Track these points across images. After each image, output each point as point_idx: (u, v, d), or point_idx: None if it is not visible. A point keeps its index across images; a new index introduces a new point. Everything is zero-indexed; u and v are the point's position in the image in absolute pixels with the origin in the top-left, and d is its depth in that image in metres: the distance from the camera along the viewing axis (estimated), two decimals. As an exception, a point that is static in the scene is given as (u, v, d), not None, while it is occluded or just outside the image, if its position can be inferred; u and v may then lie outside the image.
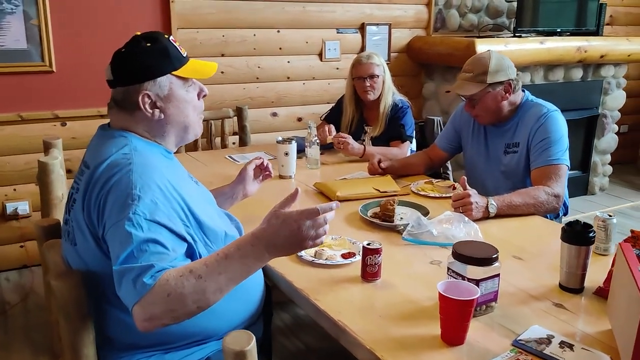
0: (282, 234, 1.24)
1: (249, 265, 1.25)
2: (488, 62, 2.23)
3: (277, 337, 2.65)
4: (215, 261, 1.22)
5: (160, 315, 1.17)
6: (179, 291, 1.16)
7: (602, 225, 1.71)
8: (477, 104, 2.28)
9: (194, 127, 1.48)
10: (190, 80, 1.45)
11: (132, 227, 1.21)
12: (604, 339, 1.30)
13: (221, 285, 1.21)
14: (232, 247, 1.24)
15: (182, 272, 1.19)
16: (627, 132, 5.51)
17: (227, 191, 1.92)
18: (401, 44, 4.25)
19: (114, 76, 1.41)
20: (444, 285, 1.28)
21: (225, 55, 3.64)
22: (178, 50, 1.42)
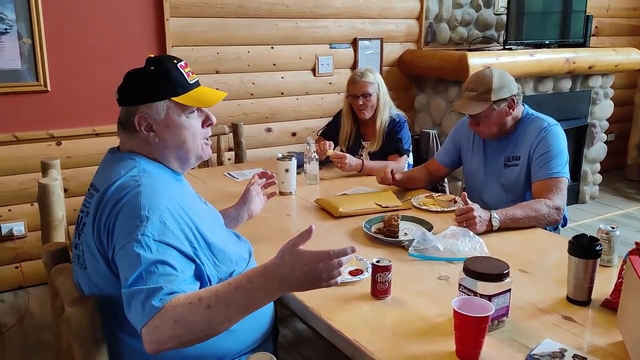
0: (295, 274, 1.21)
1: (259, 299, 1.23)
2: (491, 80, 2.24)
3: (279, 353, 2.64)
4: (226, 292, 1.21)
5: (166, 340, 1.17)
6: (186, 319, 1.16)
7: (605, 237, 1.73)
8: (482, 121, 2.30)
9: (193, 152, 1.46)
10: (193, 108, 1.43)
11: (140, 248, 1.21)
12: (615, 351, 1.31)
13: (230, 316, 1.21)
14: (243, 278, 1.23)
15: (192, 299, 1.19)
16: (614, 140, 5.60)
17: (232, 212, 1.92)
18: (393, 57, 4.30)
19: (119, 95, 1.42)
20: (458, 303, 1.29)
21: (220, 72, 3.65)
22: (184, 76, 1.41)
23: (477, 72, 2.34)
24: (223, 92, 1.51)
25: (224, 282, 1.24)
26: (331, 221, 2.19)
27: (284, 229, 2.13)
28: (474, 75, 2.34)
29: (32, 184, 3.04)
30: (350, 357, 1.38)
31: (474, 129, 2.37)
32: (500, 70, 2.32)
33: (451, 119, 4.08)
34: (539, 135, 2.27)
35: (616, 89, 4.96)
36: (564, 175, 2.21)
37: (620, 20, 5.49)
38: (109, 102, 3.16)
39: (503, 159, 2.38)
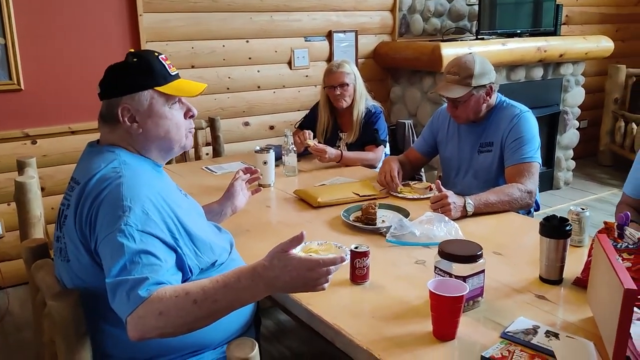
0: (283, 278, 1.23)
1: (245, 299, 1.26)
2: (473, 66, 2.29)
3: (262, 343, 2.66)
4: (213, 288, 1.22)
5: (149, 330, 1.19)
6: (171, 312, 1.18)
7: (576, 218, 1.79)
8: (460, 105, 2.35)
9: (178, 142, 1.49)
10: (175, 98, 1.45)
11: (124, 238, 1.23)
12: (586, 327, 1.36)
13: (214, 312, 1.23)
14: (232, 277, 1.24)
15: (179, 293, 1.20)
16: (586, 127, 5.71)
17: (216, 208, 1.93)
18: (368, 49, 4.33)
19: (100, 89, 1.43)
20: (434, 284, 1.33)
21: (195, 67, 3.65)
22: (165, 68, 1.44)
23: (460, 57, 2.38)
24: (203, 84, 1.53)
25: (212, 278, 1.25)
26: (310, 211, 2.22)
27: (263, 220, 2.16)
28: (456, 59, 2.38)
29: (8, 184, 3.01)
30: (331, 341, 1.41)
31: (452, 113, 2.42)
32: (482, 57, 2.37)
33: (426, 109, 4.13)
34: (511, 122, 2.33)
35: (587, 76, 5.06)
36: (536, 160, 2.26)
37: (590, 8, 5.59)
38: (84, 99, 3.19)
39: (477, 146, 2.43)
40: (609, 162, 5.65)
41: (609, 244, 1.37)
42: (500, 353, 1.23)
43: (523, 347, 1.26)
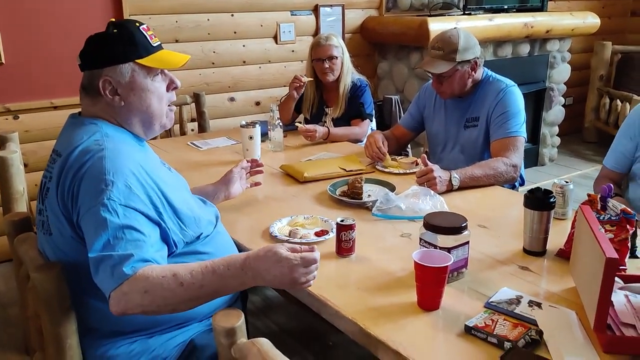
0: (273, 272, 1.23)
1: (231, 287, 1.26)
2: (457, 41, 2.28)
3: (249, 319, 2.68)
4: (202, 273, 1.22)
5: (132, 307, 1.18)
6: (157, 292, 1.18)
7: (559, 191, 1.80)
8: (445, 80, 2.34)
9: (158, 118, 1.45)
10: (157, 70, 1.43)
11: (107, 212, 1.22)
12: (568, 296, 1.38)
13: (199, 297, 1.23)
14: (221, 264, 1.24)
15: (166, 273, 1.20)
16: (572, 104, 5.73)
17: (210, 190, 1.92)
18: (355, 24, 4.29)
19: (81, 60, 1.40)
20: (419, 255, 1.33)
21: (180, 41, 3.59)
22: (147, 39, 1.41)
23: (444, 32, 2.36)
24: (186, 55, 1.50)
25: (201, 263, 1.25)
26: (297, 186, 2.21)
27: (249, 195, 2.15)
28: (440, 34, 2.36)
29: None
30: (317, 313, 1.42)
31: (437, 88, 2.41)
32: (466, 32, 2.35)
33: (413, 84, 4.12)
34: (497, 96, 2.33)
35: (573, 53, 5.07)
36: (521, 135, 2.27)
37: (577, -16, 5.58)
38: (67, 74, 3.14)
39: (463, 120, 2.43)
40: (594, 139, 5.70)
41: (592, 215, 1.38)
42: (483, 322, 1.24)
43: (506, 316, 1.28)
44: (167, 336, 1.41)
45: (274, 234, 1.71)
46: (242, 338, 1.04)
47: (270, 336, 0.98)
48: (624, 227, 1.46)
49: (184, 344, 1.41)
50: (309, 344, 2.50)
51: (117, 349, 1.37)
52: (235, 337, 1.03)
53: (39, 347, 1.48)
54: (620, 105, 5.08)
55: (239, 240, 1.68)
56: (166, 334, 1.41)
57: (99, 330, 1.37)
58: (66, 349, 1.30)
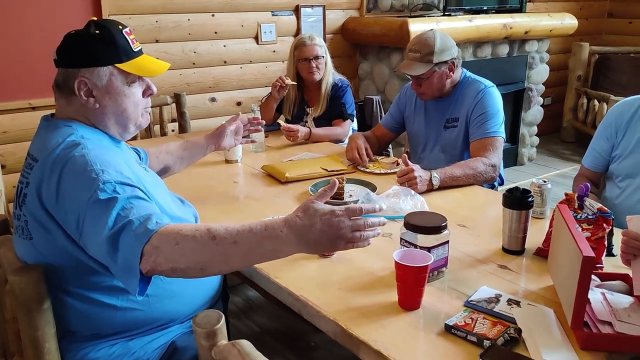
0: (319, 227, 1.12)
1: (265, 250, 1.14)
2: (434, 43, 2.30)
3: (230, 320, 2.68)
4: (237, 230, 1.12)
5: (162, 262, 1.11)
6: (188, 245, 1.11)
7: (538, 190, 1.83)
8: (423, 82, 2.36)
9: (134, 120, 1.43)
10: (135, 76, 1.40)
11: (107, 194, 1.19)
12: (546, 295, 1.40)
13: (230, 256, 1.12)
14: (259, 224, 1.14)
15: (199, 227, 1.14)
16: (550, 104, 5.81)
17: (203, 143, 1.96)
18: (336, 25, 4.30)
19: (58, 56, 1.37)
20: (399, 254, 1.34)
21: (160, 41, 3.57)
22: (128, 43, 1.38)
23: (421, 34, 2.39)
24: (167, 63, 1.47)
25: (238, 223, 1.15)
26: (278, 186, 2.21)
27: (230, 195, 2.14)
28: (417, 36, 2.39)
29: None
30: (298, 314, 1.42)
31: (416, 90, 2.43)
32: (443, 34, 2.38)
33: (394, 85, 4.14)
34: (476, 97, 2.36)
35: (551, 53, 5.13)
36: (499, 135, 2.30)
37: (555, -14, 5.65)
38: (44, 74, 3.09)
39: (443, 121, 2.46)
40: (572, 139, 5.78)
41: (569, 213, 1.40)
42: (463, 321, 1.25)
43: (486, 314, 1.29)
44: (148, 338, 1.40)
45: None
46: (222, 340, 1.03)
47: (252, 337, 0.98)
48: (601, 225, 1.49)
49: (165, 346, 1.40)
50: (291, 344, 2.50)
51: (97, 352, 1.36)
52: (216, 339, 1.02)
53: (17, 351, 1.46)
54: (597, 105, 5.16)
55: (220, 241, 1.67)
56: (147, 336, 1.40)
57: (78, 333, 1.36)
58: (45, 352, 1.29)
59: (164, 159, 1.91)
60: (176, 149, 1.95)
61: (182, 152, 1.95)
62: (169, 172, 1.93)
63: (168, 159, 1.92)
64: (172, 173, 1.95)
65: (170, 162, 1.92)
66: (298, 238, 1.12)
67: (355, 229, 1.15)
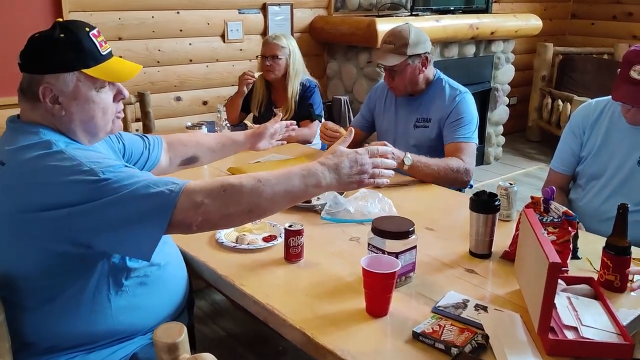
0: (347, 163, 1.30)
1: (310, 185, 1.27)
2: (408, 35, 2.34)
3: (196, 325, 2.62)
4: (277, 173, 1.26)
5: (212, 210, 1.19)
6: (236, 188, 1.20)
7: (504, 193, 1.83)
8: (396, 75, 2.38)
9: (103, 129, 1.37)
10: (104, 81, 1.33)
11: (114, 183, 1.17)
12: (513, 299, 1.40)
13: (277, 194, 1.23)
14: (294, 167, 1.28)
15: (240, 174, 1.25)
16: (516, 103, 5.88)
17: (240, 140, 1.93)
18: (303, 24, 4.27)
19: (21, 60, 1.30)
20: (367, 261, 1.32)
21: (123, 39, 3.48)
22: (96, 46, 1.31)
23: (396, 27, 2.43)
24: (138, 65, 1.41)
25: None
26: (244, 189, 2.17)
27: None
28: (392, 29, 2.43)
29: None
30: (264, 322, 1.39)
31: (389, 84, 2.45)
32: (417, 28, 2.42)
33: (362, 85, 4.13)
34: (452, 102, 2.37)
35: (517, 54, 5.20)
36: (473, 141, 2.34)
37: (520, -13, 5.72)
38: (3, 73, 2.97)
39: (413, 120, 2.47)
40: (537, 138, 5.87)
41: (536, 218, 1.40)
42: (431, 328, 1.24)
43: (453, 321, 1.28)
44: (108, 351, 1.35)
45: (220, 241, 1.67)
46: (184, 354, 0.99)
47: (218, 342, 0.95)
48: (566, 229, 1.49)
49: (126, 359, 1.35)
50: (258, 349, 2.46)
51: (54, 365, 1.31)
52: (178, 353, 0.98)
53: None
54: (562, 105, 5.24)
55: (184, 248, 1.62)
56: (107, 349, 1.35)
57: (35, 345, 1.31)
58: (-2, 368, 1.23)
59: (193, 148, 1.85)
60: (208, 141, 1.89)
61: (215, 145, 1.89)
62: (197, 162, 1.87)
63: (197, 148, 1.86)
64: (200, 164, 1.91)
65: (199, 152, 1.86)
66: (332, 173, 1.29)
67: (375, 166, 1.34)
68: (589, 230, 1.82)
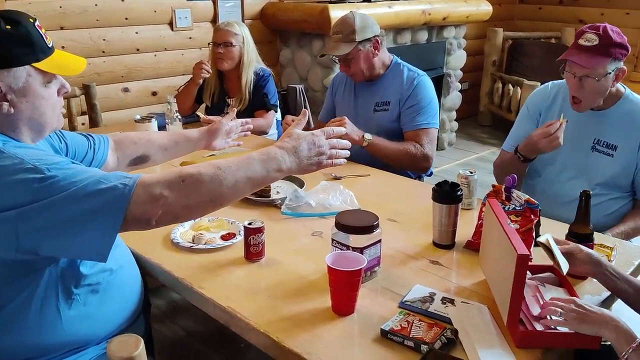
0: (305, 145, 1.27)
1: (271, 170, 1.24)
2: (354, 22, 2.33)
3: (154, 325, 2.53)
4: (236, 159, 1.22)
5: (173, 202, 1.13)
6: (195, 178, 1.15)
7: (465, 182, 1.82)
8: (351, 63, 2.38)
9: (50, 125, 1.29)
10: (52, 75, 1.25)
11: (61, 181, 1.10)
12: (479, 290, 1.39)
13: (239, 181, 1.19)
14: (253, 153, 1.24)
15: (199, 163, 1.20)
16: (467, 89, 5.94)
17: (194, 137, 1.80)
18: (254, 10, 4.16)
19: None
20: (332, 258, 1.28)
21: (65, 28, 3.30)
22: (43, 39, 1.22)
23: (342, 17, 2.42)
24: (82, 58, 1.33)
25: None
26: (199, 184, 2.09)
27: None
28: (338, 19, 2.43)
29: None
30: (225, 325, 1.33)
31: (347, 72, 2.45)
32: (362, 13, 2.42)
33: (317, 72, 4.07)
34: (410, 85, 2.37)
35: (468, 39, 5.23)
36: (433, 126, 2.34)
37: (469, -28, 5.75)
38: None
39: (373, 104, 2.45)
40: (489, 122, 5.95)
41: (500, 208, 1.39)
42: (399, 325, 1.21)
43: (421, 316, 1.25)
44: (59, 363, 1.27)
45: (175, 241, 1.59)
46: (142, 368, 0.93)
47: (178, 342, 0.89)
48: (529, 217, 1.49)
49: (79, 370, 1.28)
50: (220, 347, 2.40)
51: (0, 380, 1.22)
52: (135, 368, 0.92)
53: None
54: (512, 89, 5.32)
55: (136, 249, 1.54)
56: (58, 361, 1.27)
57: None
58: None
59: (144, 146, 1.73)
60: (160, 138, 1.77)
61: (167, 142, 1.76)
62: (147, 161, 1.75)
63: (148, 147, 1.73)
64: (152, 163, 1.77)
65: (151, 151, 1.73)
66: (291, 156, 1.26)
67: (332, 147, 1.32)
68: (547, 215, 1.83)
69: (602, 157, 1.96)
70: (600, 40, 1.80)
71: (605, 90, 1.88)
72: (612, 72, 1.84)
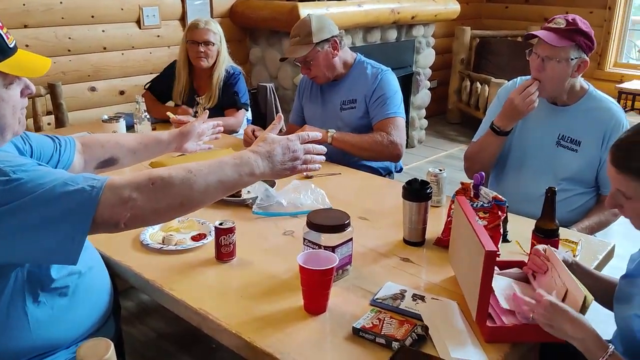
0: (279, 150, 1.27)
1: (243, 175, 1.23)
2: (310, 24, 2.34)
3: (124, 327, 2.50)
4: (208, 163, 1.20)
5: (141, 205, 1.12)
6: (165, 181, 1.14)
7: (434, 179, 1.84)
8: (311, 65, 2.38)
9: (12, 128, 1.25)
10: (14, 77, 1.21)
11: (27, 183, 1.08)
12: (449, 286, 1.41)
13: (210, 185, 1.18)
14: (226, 157, 1.23)
15: (169, 167, 1.18)
16: (436, 87, 6.00)
17: (165, 139, 1.75)
18: (224, 8, 4.13)
19: None
20: (304, 257, 1.28)
21: (29, 27, 3.23)
22: (3, 38, 1.17)
23: (299, 20, 2.43)
24: (47, 59, 1.28)
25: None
26: (169, 184, 2.07)
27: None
28: (296, 23, 2.43)
29: None
30: (197, 327, 1.32)
31: (308, 75, 2.45)
32: (319, 15, 2.43)
33: (287, 71, 4.06)
34: (374, 81, 2.39)
35: (437, 38, 5.29)
36: (399, 115, 2.36)
37: (437, -28, 5.80)
38: None
39: (339, 103, 2.47)
40: (457, 120, 6.02)
41: (469, 205, 1.41)
42: (370, 322, 1.22)
43: (392, 313, 1.27)
44: (28, 367, 1.24)
45: (145, 242, 1.57)
46: (112, 372, 0.92)
47: (148, 343, 0.88)
48: (496, 213, 1.51)
49: (47, 376, 1.25)
50: (190, 348, 2.38)
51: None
52: (105, 372, 0.91)
53: None
54: (480, 87, 5.39)
55: (106, 252, 1.52)
56: (27, 366, 1.24)
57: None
58: None
59: (112, 149, 1.68)
60: (129, 141, 1.72)
61: (136, 146, 1.71)
62: (116, 164, 1.70)
63: (116, 150, 1.69)
64: (121, 166, 1.73)
65: (119, 154, 1.69)
66: (265, 161, 1.26)
67: (307, 152, 1.32)
68: (513, 211, 1.86)
69: (566, 152, 2.01)
70: (567, 25, 1.87)
71: (566, 77, 1.92)
72: (575, 60, 1.89)
